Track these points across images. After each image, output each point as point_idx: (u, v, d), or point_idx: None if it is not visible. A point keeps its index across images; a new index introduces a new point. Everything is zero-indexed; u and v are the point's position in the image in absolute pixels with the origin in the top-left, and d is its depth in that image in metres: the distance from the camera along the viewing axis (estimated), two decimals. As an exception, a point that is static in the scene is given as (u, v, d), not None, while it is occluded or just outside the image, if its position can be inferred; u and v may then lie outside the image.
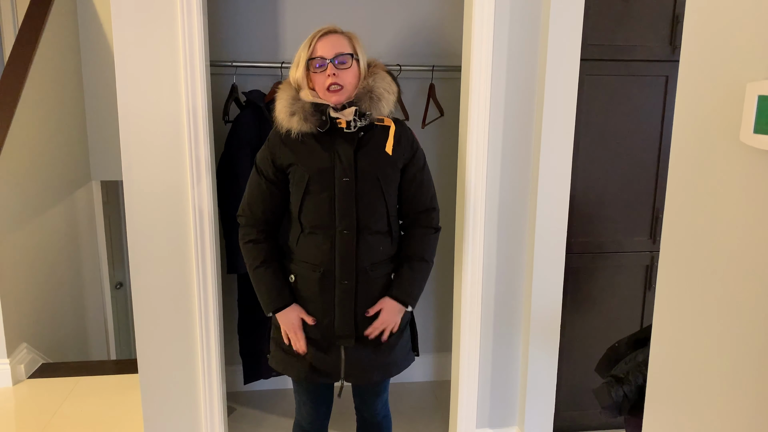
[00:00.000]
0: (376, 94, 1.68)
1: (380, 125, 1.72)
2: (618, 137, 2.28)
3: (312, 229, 1.71)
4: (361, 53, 1.69)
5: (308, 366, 1.76)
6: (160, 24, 1.96)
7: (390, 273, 1.79)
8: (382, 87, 1.69)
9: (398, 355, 1.83)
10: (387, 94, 1.70)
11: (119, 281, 4.49)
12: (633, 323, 2.44)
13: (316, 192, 1.69)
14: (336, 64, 1.62)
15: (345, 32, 1.70)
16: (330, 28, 1.68)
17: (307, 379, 1.79)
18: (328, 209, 1.68)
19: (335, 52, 1.62)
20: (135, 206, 2.05)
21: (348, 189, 1.67)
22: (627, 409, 1.52)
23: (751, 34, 0.87)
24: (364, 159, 1.69)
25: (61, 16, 3.51)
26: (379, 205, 1.72)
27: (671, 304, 1.08)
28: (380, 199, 1.72)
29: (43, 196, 3.33)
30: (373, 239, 1.72)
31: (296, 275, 1.75)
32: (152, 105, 2.00)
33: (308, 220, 1.71)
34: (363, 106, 1.67)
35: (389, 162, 1.72)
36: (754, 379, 0.88)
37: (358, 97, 1.67)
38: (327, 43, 1.62)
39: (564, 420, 2.48)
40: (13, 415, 2.70)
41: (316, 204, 1.69)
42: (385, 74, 1.73)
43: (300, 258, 1.74)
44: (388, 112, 1.72)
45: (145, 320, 2.12)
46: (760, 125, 0.83)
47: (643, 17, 2.20)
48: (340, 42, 1.64)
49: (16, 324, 3.00)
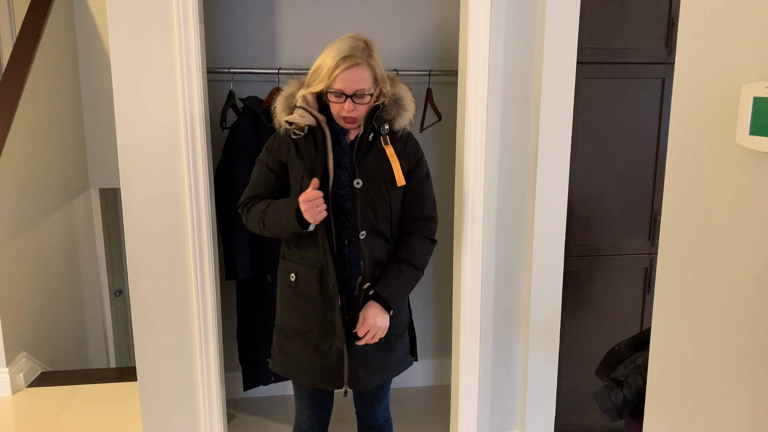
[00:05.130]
0: (403, 104, 1.71)
1: (384, 140, 1.72)
2: (615, 140, 2.28)
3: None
4: (378, 71, 1.66)
5: (310, 371, 1.76)
6: (156, 31, 1.96)
7: None
8: (408, 97, 1.74)
9: (397, 358, 1.83)
10: (412, 104, 1.74)
11: (118, 289, 4.48)
12: (632, 326, 2.44)
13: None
14: (354, 99, 1.62)
15: (368, 60, 1.62)
16: (355, 59, 1.59)
17: (309, 384, 1.78)
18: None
19: (355, 89, 1.61)
20: (133, 213, 2.05)
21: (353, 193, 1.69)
22: (627, 412, 1.52)
23: (745, 36, 0.87)
24: (370, 164, 1.70)
25: (59, 25, 3.52)
26: (383, 208, 1.73)
27: (670, 306, 1.08)
28: (386, 204, 1.73)
29: (42, 204, 3.33)
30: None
31: (296, 274, 1.75)
32: (149, 112, 2.00)
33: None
34: (390, 113, 1.69)
35: (390, 174, 1.72)
36: (753, 381, 0.88)
37: (386, 105, 1.69)
38: (348, 78, 1.59)
39: (564, 423, 2.47)
40: (13, 425, 2.69)
41: None
42: (406, 87, 1.76)
43: (298, 256, 1.75)
44: (408, 122, 1.74)
45: (144, 328, 2.12)
46: (756, 127, 0.84)
47: (639, 20, 2.21)
48: (361, 77, 1.61)
49: (15, 332, 2.99)
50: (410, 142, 1.78)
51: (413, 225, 1.81)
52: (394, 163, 1.70)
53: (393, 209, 1.75)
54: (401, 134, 1.75)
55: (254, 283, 2.57)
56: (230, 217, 2.43)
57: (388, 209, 1.73)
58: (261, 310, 2.59)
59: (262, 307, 2.59)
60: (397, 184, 1.71)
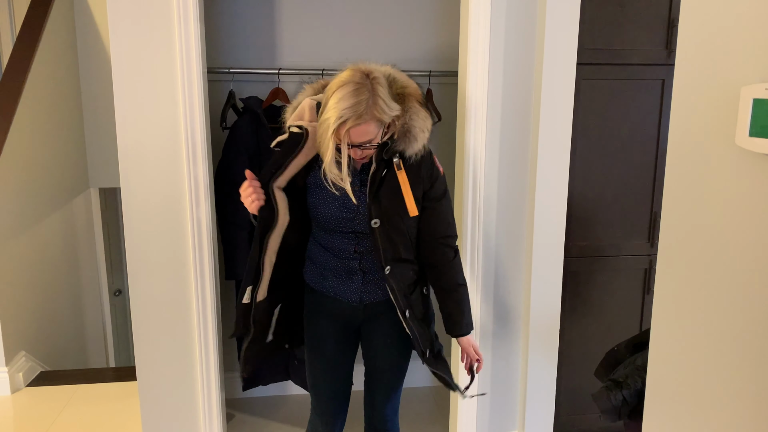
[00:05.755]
0: (413, 134, 1.63)
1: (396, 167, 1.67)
2: (615, 141, 2.29)
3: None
4: (389, 113, 1.57)
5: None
6: (157, 31, 1.96)
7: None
8: (418, 126, 1.64)
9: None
10: (422, 133, 1.65)
11: (118, 288, 4.47)
12: (632, 327, 2.44)
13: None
14: (361, 147, 1.58)
15: (373, 112, 1.52)
16: (358, 120, 1.51)
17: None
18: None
19: (361, 142, 1.56)
20: (133, 213, 2.05)
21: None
22: (626, 413, 1.52)
23: (745, 38, 0.87)
24: (384, 200, 1.67)
25: (59, 24, 3.51)
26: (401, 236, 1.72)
27: (670, 307, 1.08)
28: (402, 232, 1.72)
29: (41, 203, 3.33)
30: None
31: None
32: (150, 111, 2.00)
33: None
34: (400, 145, 1.63)
35: (404, 204, 1.68)
36: (752, 381, 0.88)
37: (395, 139, 1.63)
38: (353, 135, 1.54)
39: (564, 424, 2.48)
40: (12, 424, 2.68)
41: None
42: (419, 108, 1.67)
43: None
44: (420, 148, 1.66)
45: (143, 327, 2.12)
46: (756, 128, 0.84)
47: (639, 21, 2.21)
48: (367, 131, 1.55)
49: (15, 332, 2.99)
50: (425, 162, 1.70)
51: (437, 244, 1.77)
52: (406, 193, 1.66)
53: (410, 235, 1.73)
54: (414, 159, 1.68)
55: (254, 283, 2.57)
56: (230, 217, 2.43)
57: (407, 237, 1.71)
58: (260, 310, 2.59)
59: (262, 307, 2.59)
60: (409, 214, 1.67)
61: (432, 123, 1.71)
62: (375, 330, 1.83)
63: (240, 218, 2.43)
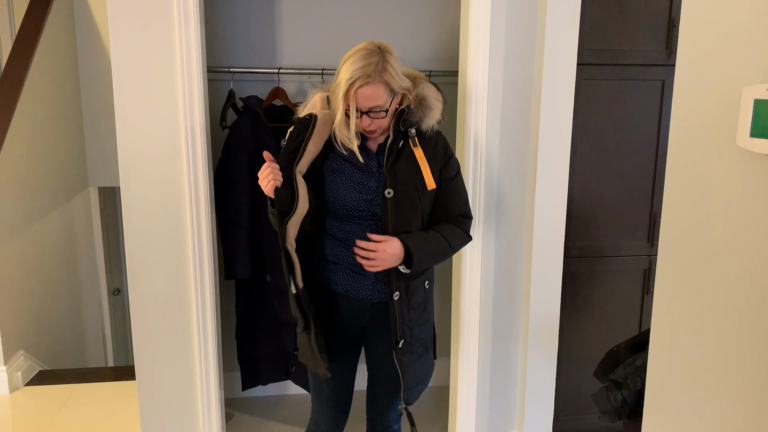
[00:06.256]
0: (428, 102, 1.67)
1: (411, 143, 1.69)
2: (615, 141, 2.29)
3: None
4: (399, 81, 1.61)
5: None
6: (157, 30, 1.96)
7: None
8: (432, 96, 1.69)
9: (431, 365, 1.88)
10: (437, 102, 1.70)
11: (117, 287, 4.47)
12: (631, 327, 2.44)
13: None
14: (371, 114, 1.60)
15: (382, 75, 1.57)
16: (366, 79, 1.55)
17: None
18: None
19: (369, 107, 1.59)
20: (132, 212, 2.05)
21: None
22: (626, 413, 1.52)
23: (746, 38, 0.87)
24: (401, 172, 1.67)
25: (59, 23, 3.51)
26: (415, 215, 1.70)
27: (669, 307, 1.08)
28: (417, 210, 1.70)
29: (40, 202, 3.33)
30: None
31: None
32: (149, 111, 2.00)
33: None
34: (416, 115, 1.66)
35: (420, 178, 1.69)
36: (752, 382, 0.88)
37: (411, 107, 1.66)
38: (361, 98, 1.57)
39: (563, 425, 2.48)
40: (10, 423, 2.68)
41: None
42: (430, 84, 1.72)
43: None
44: (436, 120, 1.70)
45: (142, 327, 2.12)
46: (757, 129, 0.84)
47: (639, 21, 2.21)
48: (374, 95, 1.58)
49: (13, 331, 2.99)
50: (440, 141, 1.75)
51: (452, 222, 1.78)
52: (424, 167, 1.67)
53: (424, 213, 1.72)
54: (430, 134, 1.72)
55: (254, 282, 2.57)
56: (230, 217, 2.43)
57: (420, 215, 1.70)
58: (260, 309, 2.59)
59: (262, 307, 2.59)
60: (427, 188, 1.68)
61: (443, 98, 1.74)
62: (380, 335, 1.79)
63: (240, 218, 2.42)
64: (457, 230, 1.77)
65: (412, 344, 1.75)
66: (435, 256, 1.71)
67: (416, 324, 1.75)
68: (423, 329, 1.79)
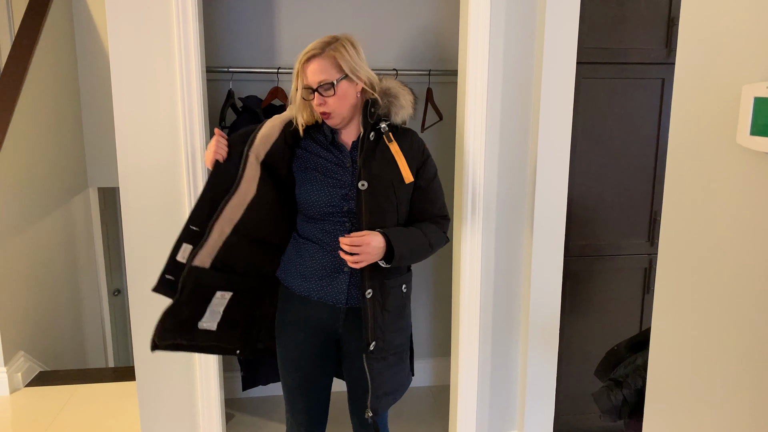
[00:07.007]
0: (393, 92, 1.67)
1: (387, 140, 1.68)
2: (615, 140, 2.28)
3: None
4: (353, 65, 1.61)
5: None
6: (155, 30, 1.96)
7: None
8: (397, 86, 1.69)
9: (407, 374, 1.81)
10: (403, 92, 1.69)
11: (117, 288, 4.47)
12: (632, 326, 2.44)
13: None
14: (320, 91, 1.60)
15: (330, 51, 1.59)
16: (312, 51, 1.59)
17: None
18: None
19: (318, 81, 1.59)
20: (132, 213, 2.05)
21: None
22: (627, 412, 1.52)
23: (746, 36, 0.87)
24: (375, 166, 1.66)
25: (58, 24, 3.51)
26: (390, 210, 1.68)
27: (670, 306, 1.07)
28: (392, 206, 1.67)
29: (40, 203, 3.32)
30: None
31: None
32: (148, 111, 2.00)
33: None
34: (383, 107, 1.66)
35: (396, 174, 1.67)
36: (753, 381, 0.87)
37: (376, 100, 1.65)
38: (308, 72, 1.60)
39: (563, 424, 2.47)
40: (11, 424, 2.68)
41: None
42: (395, 80, 1.73)
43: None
44: (407, 114, 1.69)
45: (142, 327, 2.11)
46: (757, 127, 0.83)
47: (639, 20, 2.21)
48: (320, 68, 1.59)
49: (13, 332, 2.98)
50: (416, 140, 1.74)
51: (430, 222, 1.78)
52: (400, 161, 1.66)
53: (401, 211, 1.68)
54: (403, 129, 1.72)
55: (253, 282, 2.56)
56: (229, 217, 2.42)
57: (395, 211, 1.67)
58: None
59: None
60: (405, 181, 1.66)
61: (414, 99, 1.74)
62: (354, 344, 1.71)
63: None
64: (436, 229, 1.75)
65: (385, 349, 1.68)
66: (415, 253, 1.68)
67: (390, 328, 1.69)
68: (398, 335, 1.72)
